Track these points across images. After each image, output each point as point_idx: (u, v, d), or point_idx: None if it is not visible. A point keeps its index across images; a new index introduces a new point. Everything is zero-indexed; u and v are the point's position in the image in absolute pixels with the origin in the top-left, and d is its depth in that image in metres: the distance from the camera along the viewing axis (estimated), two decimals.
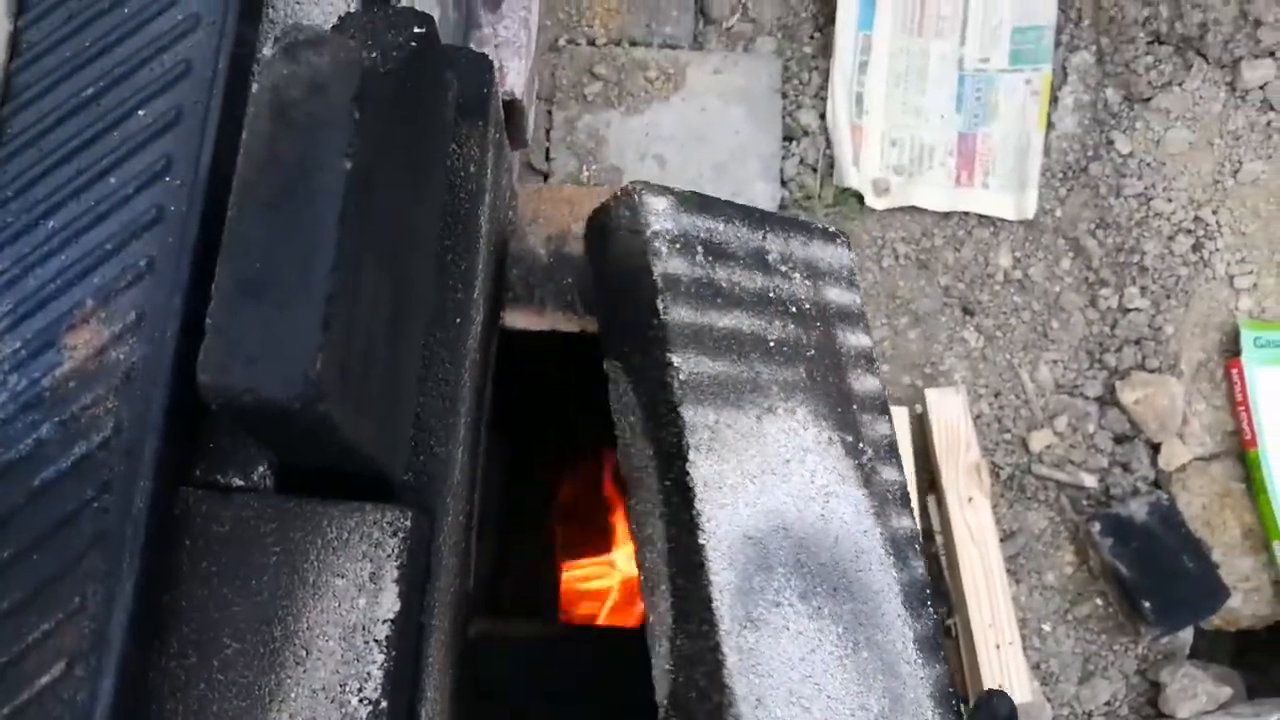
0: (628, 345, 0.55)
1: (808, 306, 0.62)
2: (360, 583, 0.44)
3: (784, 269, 0.62)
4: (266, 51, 0.37)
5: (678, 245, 0.55)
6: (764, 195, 1.42)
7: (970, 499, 1.31)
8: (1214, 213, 1.40)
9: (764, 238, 0.62)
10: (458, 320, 0.53)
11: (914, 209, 1.44)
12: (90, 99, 0.46)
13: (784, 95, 1.46)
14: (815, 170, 1.45)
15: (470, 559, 0.63)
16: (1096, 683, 1.32)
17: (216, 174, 0.45)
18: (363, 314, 0.40)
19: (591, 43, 1.45)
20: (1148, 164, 1.42)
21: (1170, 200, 1.41)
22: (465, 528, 0.58)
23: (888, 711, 0.52)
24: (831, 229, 0.68)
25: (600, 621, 0.95)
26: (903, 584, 0.59)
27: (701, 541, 0.48)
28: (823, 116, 1.46)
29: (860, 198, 1.43)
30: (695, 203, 0.59)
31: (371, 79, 0.38)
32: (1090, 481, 1.37)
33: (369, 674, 0.43)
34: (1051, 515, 1.37)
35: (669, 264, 0.55)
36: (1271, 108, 1.39)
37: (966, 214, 1.44)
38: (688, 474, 0.50)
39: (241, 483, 0.45)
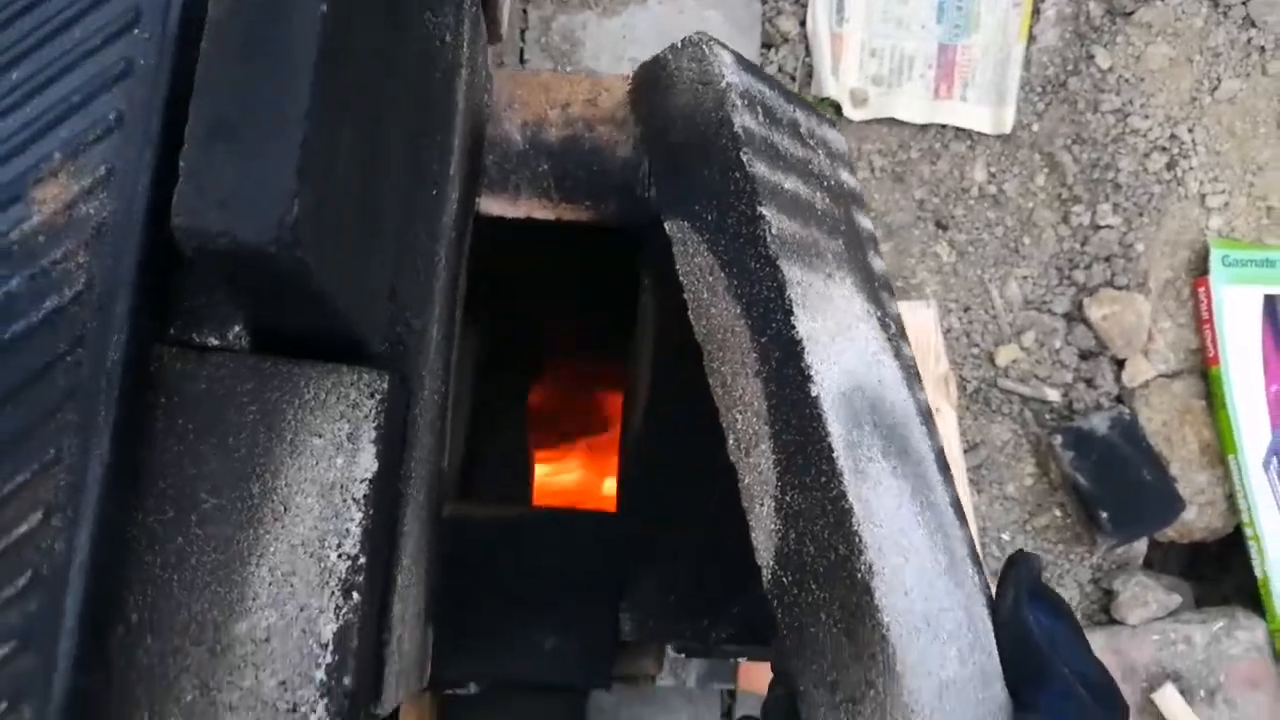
0: (699, 203, 0.54)
1: (833, 183, 0.63)
2: (338, 442, 0.44)
3: (812, 143, 0.62)
4: None
5: (745, 101, 0.55)
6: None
7: (938, 410, 1.33)
8: (1190, 130, 1.40)
9: (794, 111, 0.62)
10: (434, 193, 0.53)
11: (891, 121, 1.43)
12: None
13: (763, 1, 1.44)
14: (794, 79, 1.44)
15: (445, 440, 0.63)
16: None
17: (187, 27, 0.44)
18: (339, 168, 0.39)
19: None
20: (1126, 80, 1.41)
21: (1147, 117, 1.41)
22: (441, 407, 0.58)
23: (949, 567, 0.53)
24: (828, 115, 0.68)
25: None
26: (935, 451, 0.60)
27: (815, 394, 0.48)
28: (802, 24, 1.44)
29: (838, 108, 1.42)
30: (745, 63, 0.58)
31: None
32: (1054, 396, 1.39)
33: (347, 530, 0.43)
34: (1014, 428, 1.40)
35: (744, 118, 0.54)
36: (1253, 24, 1.39)
37: (944, 127, 1.43)
38: (794, 328, 0.49)
39: (217, 342, 0.45)
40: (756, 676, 1.16)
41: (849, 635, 0.47)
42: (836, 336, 0.54)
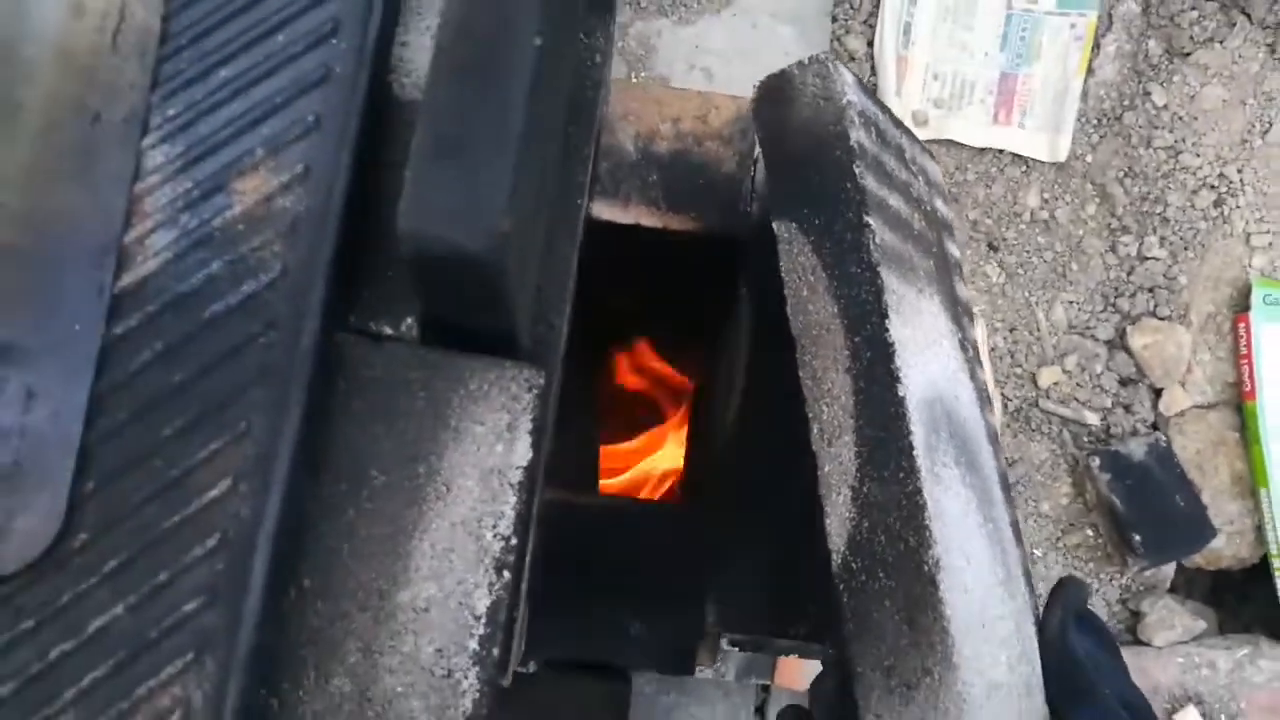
0: (808, 207, 0.57)
1: (929, 208, 0.66)
2: (499, 431, 0.48)
3: (914, 169, 0.66)
4: None
5: (862, 120, 0.58)
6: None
7: None
8: (1239, 171, 1.44)
9: (901, 137, 0.66)
10: (578, 202, 0.56)
11: (950, 142, 1.47)
12: None
13: (834, 19, 1.48)
14: None
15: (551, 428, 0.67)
16: None
17: (383, 39, 0.48)
18: (532, 182, 0.43)
19: None
20: (1180, 118, 1.44)
21: (1198, 155, 1.44)
22: (558, 400, 0.62)
23: (1005, 579, 0.57)
24: (929, 148, 0.72)
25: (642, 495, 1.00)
26: (1000, 474, 0.63)
27: (901, 394, 0.51)
28: (870, 43, 1.47)
29: None
30: (864, 86, 0.62)
31: None
32: (1093, 419, 1.43)
33: (502, 513, 0.47)
34: (1053, 448, 1.43)
35: (860, 134, 0.57)
36: None
37: (1001, 152, 1.47)
38: (888, 331, 0.53)
39: (391, 332, 0.49)
40: (792, 673, 1.20)
41: (910, 623, 0.50)
42: (925, 347, 0.58)
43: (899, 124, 0.70)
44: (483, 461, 0.47)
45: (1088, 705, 0.55)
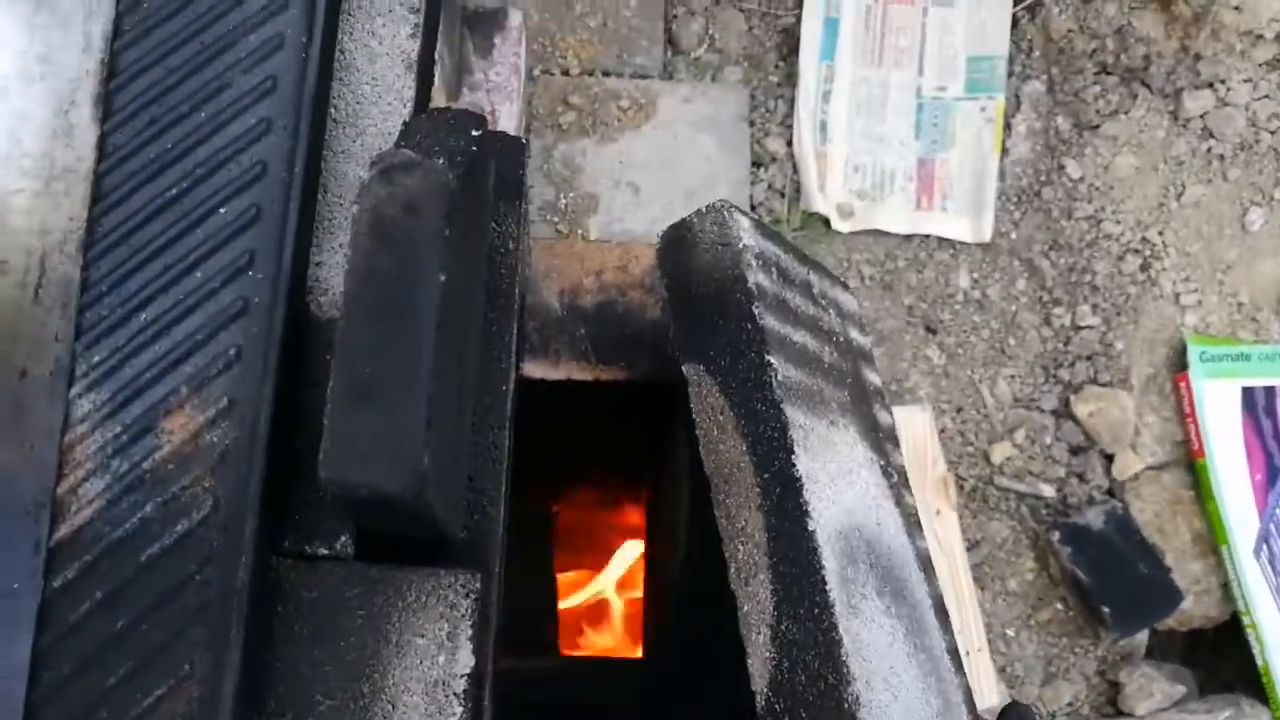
0: (714, 349, 0.59)
1: (842, 340, 0.68)
2: (439, 641, 0.48)
3: (824, 303, 0.68)
4: (363, 174, 0.41)
5: (760, 262, 0.60)
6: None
7: (938, 512, 1.38)
8: (1160, 234, 1.48)
9: (808, 272, 0.68)
10: (504, 388, 0.58)
11: (877, 232, 1.51)
12: (174, 198, 0.50)
13: (751, 123, 1.52)
14: (783, 195, 1.51)
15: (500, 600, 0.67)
16: (1059, 684, 1.39)
17: (297, 268, 0.50)
18: (449, 399, 0.45)
19: (565, 73, 1.50)
20: (1097, 188, 1.50)
21: (1119, 222, 1.49)
22: (501, 575, 0.62)
23: (941, 711, 0.57)
24: (842, 280, 0.74)
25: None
26: (933, 598, 0.64)
27: (811, 529, 0.52)
28: (789, 144, 1.52)
29: (826, 221, 1.49)
30: (762, 228, 0.64)
31: (456, 197, 0.42)
32: (1048, 491, 1.45)
33: None
34: (1013, 524, 1.45)
35: (758, 276, 0.59)
36: (1211, 135, 1.48)
37: (927, 236, 1.51)
38: (794, 466, 0.54)
39: (326, 551, 0.49)
40: None
41: None
42: (836, 479, 0.59)
43: (806, 260, 0.72)
44: (426, 674, 0.48)
45: None
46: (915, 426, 1.39)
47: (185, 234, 0.49)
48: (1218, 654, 1.47)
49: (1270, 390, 1.46)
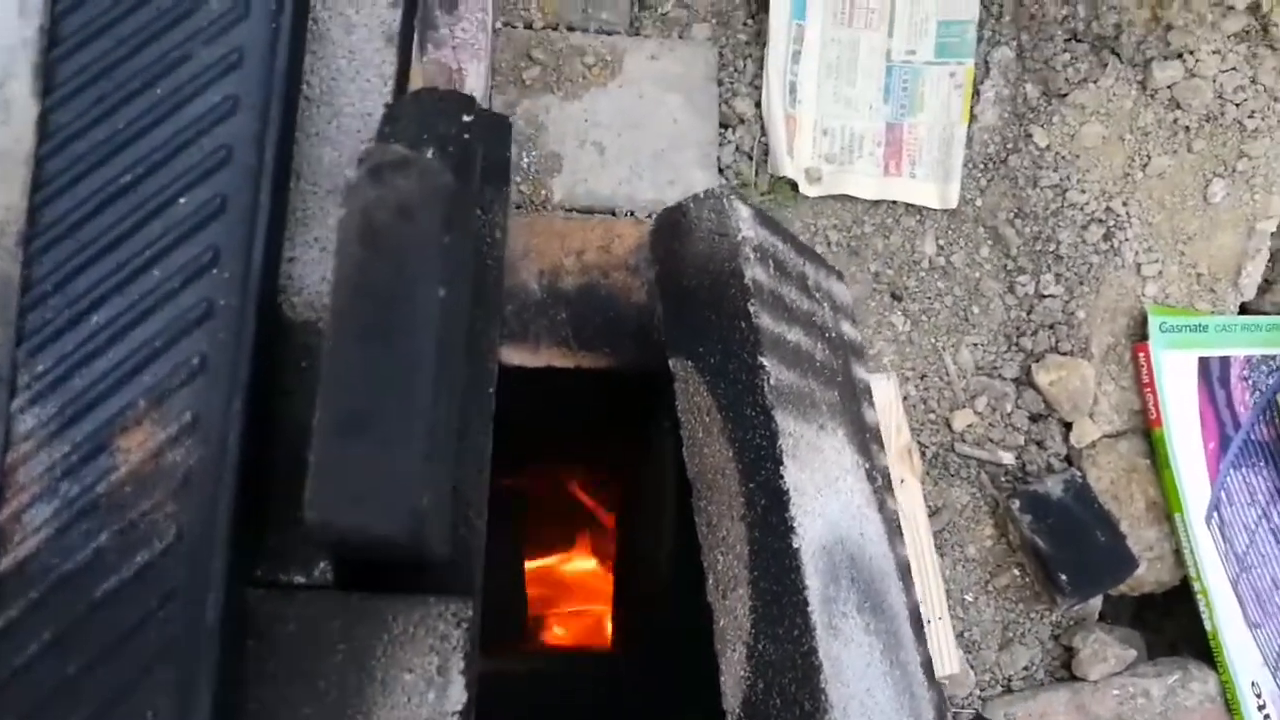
0: (704, 346, 0.56)
1: (834, 335, 0.65)
2: (429, 677, 0.45)
3: (818, 296, 0.65)
4: (350, 172, 0.37)
5: (758, 254, 0.57)
6: (702, 184, 1.43)
7: (902, 481, 1.37)
8: (1124, 204, 1.47)
9: (804, 264, 0.64)
10: (490, 390, 0.54)
11: (845, 197, 1.47)
12: (127, 186, 0.44)
13: (720, 83, 1.47)
14: (751, 158, 1.47)
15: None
16: (1015, 649, 1.40)
17: (267, 265, 0.45)
18: (444, 430, 0.40)
19: (529, 26, 1.44)
20: (1063, 157, 1.48)
21: (1084, 192, 1.47)
22: (481, 590, 0.59)
23: None
24: (836, 268, 0.71)
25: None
26: (910, 609, 0.62)
27: (796, 546, 0.50)
28: (758, 105, 1.47)
29: (794, 185, 1.46)
30: (762, 217, 0.61)
31: (454, 198, 0.38)
32: (1008, 459, 1.45)
33: None
34: (973, 492, 1.45)
35: (755, 271, 0.56)
36: (1178, 106, 1.46)
37: (895, 203, 1.48)
38: (782, 478, 0.51)
39: (303, 580, 0.45)
40: None
41: None
42: (824, 489, 0.56)
43: (803, 249, 0.69)
44: (415, 714, 0.44)
45: None
46: (881, 395, 1.38)
47: (140, 227, 0.44)
48: (1166, 616, 1.49)
49: (1225, 361, 1.47)
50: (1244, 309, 1.52)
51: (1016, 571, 1.43)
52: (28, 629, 0.41)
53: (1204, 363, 1.46)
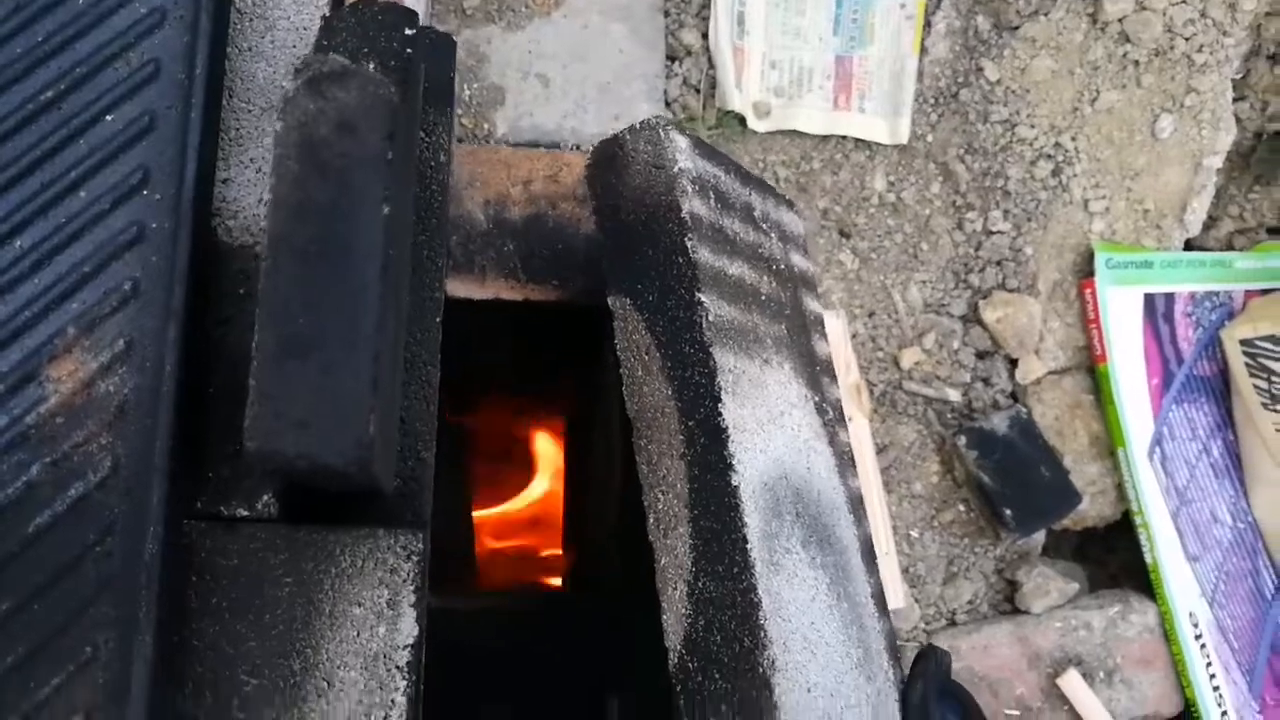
0: (642, 282, 0.54)
1: (782, 267, 0.64)
2: (379, 610, 0.44)
3: (764, 227, 0.63)
4: (276, 75, 0.35)
5: (696, 186, 0.55)
6: (647, 117, 1.40)
7: (851, 418, 1.37)
8: (1073, 139, 1.47)
9: (750, 194, 0.63)
10: (437, 320, 0.52)
11: (794, 132, 1.46)
12: (49, 102, 0.42)
13: (666, 14, 1.44)
14: (698, 91, 1.45)
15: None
16: (959, 583, 1.43)
17: (202, 187, 0.42)
18: (390, 355, 0.39)
19: None
20: (1013, 91, 1.47)
21: (1033, 127, 1.47)
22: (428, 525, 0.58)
23: (861, 661, 0.56)
24: (787, 197, 0.70)
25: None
26: (861, 540, 0.62)
27: (735, 483, 0.49)
28: (705, 36, 1.45)
29: (742, 120, 1.44)
30: (702, 147, 0.59)
31: (398, 113, 0.36)
32: (955, 396, 1.46)
33: (393, 701, 0.43)
34: (920, 429, 1.46)
35: (693, 204, 0.54)
36: (1128, 40, 1.46)
37: (844, 138, 1.47)
38: (720, 415, 0.50)
39: (246, 513, 0.44)
40: None
41: None
42: (766, 424, 0.56)
43: (749, 179, 0.67)
44: (365, 647, 0.43)
45: None
46: (830, 333, 1.37)
47: (65, 146, 0.42)
48: (1108, 550, 1.52)
49: (1169, 297, 1.49)
50: (1189, 245, 1.54)
51: (962, 507, 1.45)
52: None
53: (1149, 299, 1.48)
